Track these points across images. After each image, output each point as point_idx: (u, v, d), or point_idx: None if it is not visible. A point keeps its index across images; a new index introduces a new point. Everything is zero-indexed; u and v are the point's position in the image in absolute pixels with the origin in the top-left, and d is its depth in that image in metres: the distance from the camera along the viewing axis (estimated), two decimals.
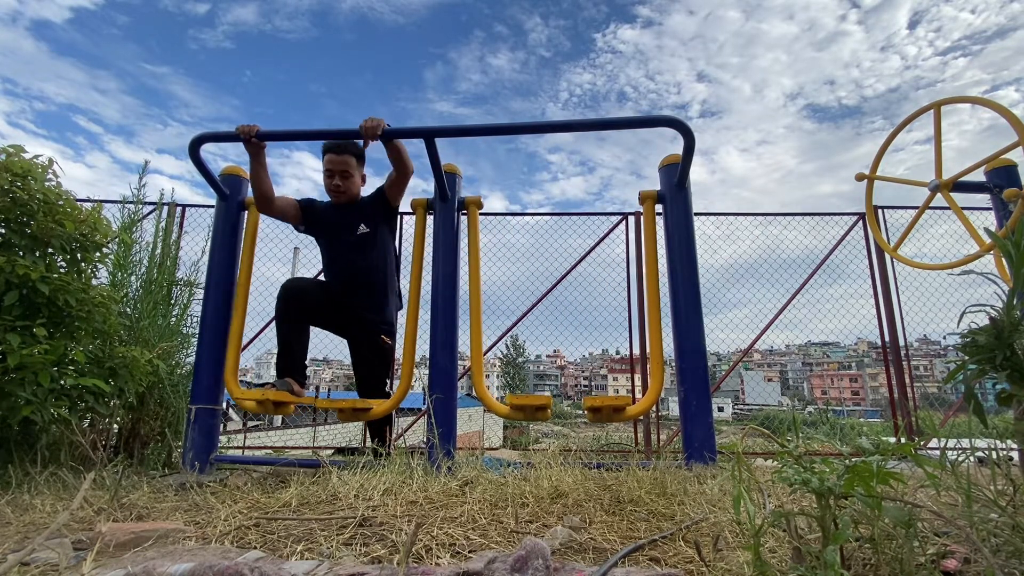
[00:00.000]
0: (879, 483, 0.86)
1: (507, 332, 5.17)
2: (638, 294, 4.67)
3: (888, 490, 1.10)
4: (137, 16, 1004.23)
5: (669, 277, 2.67)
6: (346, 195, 2.80)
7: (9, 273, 2.01)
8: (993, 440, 1.13)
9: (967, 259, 2.57)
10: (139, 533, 1.27)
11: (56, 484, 1.92)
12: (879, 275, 4.72)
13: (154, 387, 2.78)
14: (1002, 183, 2.80)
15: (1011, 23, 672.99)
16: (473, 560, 1.02)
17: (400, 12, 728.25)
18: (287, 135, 2.56)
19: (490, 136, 2.59)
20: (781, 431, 4.16)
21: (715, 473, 2.03)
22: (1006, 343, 0.95)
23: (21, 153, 2.22)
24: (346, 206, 2.82)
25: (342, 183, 2.76)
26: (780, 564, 1.01)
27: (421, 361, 3.13)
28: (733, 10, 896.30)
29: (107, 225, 2.51)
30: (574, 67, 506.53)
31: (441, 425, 2.37)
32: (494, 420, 17.45)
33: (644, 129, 2.61)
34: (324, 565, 1.05)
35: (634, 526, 1.41)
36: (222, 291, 2.81)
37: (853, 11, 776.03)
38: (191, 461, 2.50)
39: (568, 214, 5.18)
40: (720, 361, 26.25)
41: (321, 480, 1.95)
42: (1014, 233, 0.99)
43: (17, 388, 1.98)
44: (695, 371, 2.48)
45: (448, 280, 2.68)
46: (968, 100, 2.69)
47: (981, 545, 0.81)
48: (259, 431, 7.31)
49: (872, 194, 3.32)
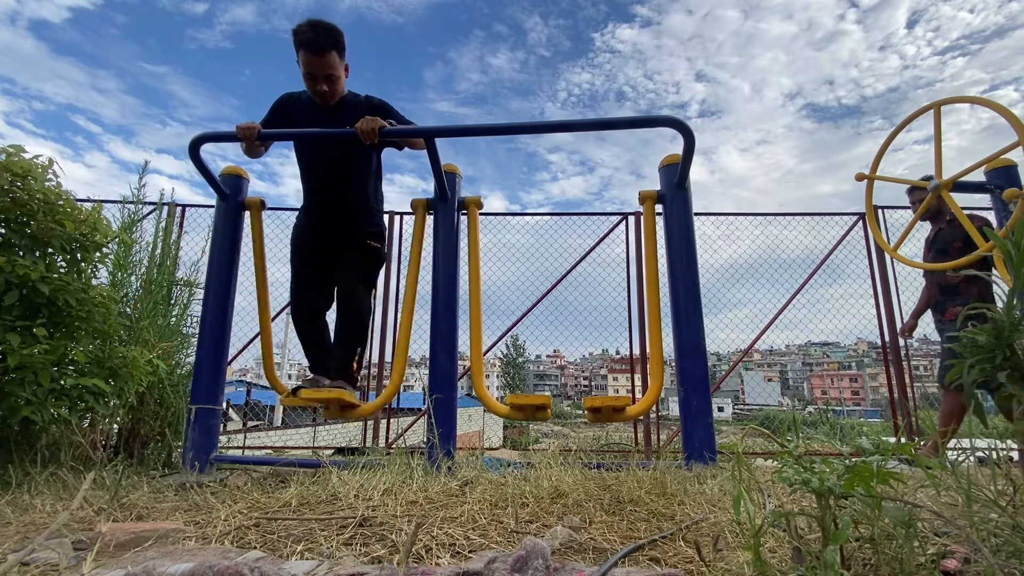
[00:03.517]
0: (879, 483, 0.86)
1: (507, 332, 5.17)
2: (638, 294, 4.67)
3: (888, 490, 1.10)
4: (135, 16, 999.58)
5: (669, 277, 2.68)
6: (334, 98, 2.53)
7: (9, 273, 2.01)
8: (993, 440, 1.13)
9: (967, 259, 2.57)
10: (139, 533, 1.27)
11: (56, 484, 1.92)
12: (879, 275, 4.72)
13: (154, 387, 2.78)
14: (1002, 183, 2.80)
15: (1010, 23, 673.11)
16: (473, 560, 1.02)
17: (399, 12, 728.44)
18: (287, 135, 2.56)
19: (490, 136, 2.59)
20: (781, 431, 4.17)
21: (715, 473, 2.03)
22: (1006, 343, 0.95)
23: (21, 153, 2.22)
24: (332, 107, 2.56)
25: (328, 87, 2.47)
26: (780, 564, 1.01)
27: (421, 361, 3.13)
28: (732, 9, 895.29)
29: (107, 225, 2.51)
30: (573, 67, 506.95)
31: (441, 425, 2.37)
32: (494, 420, 17.45)
33: (644, 129, 2.61)
34: (324, 565, 1.05)
35: (634, 526, 1.41)
36: (222, 291, 2.82)
37: (852, 11, 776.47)
38: (191, 461, 2.50)
39: (568, 214, 5.19)
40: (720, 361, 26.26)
41: (321, 480, 1.95)
42: (1014, 233, 0.99)
43: (17, 388, 1.99)
44: (695, 371, 2.48)
45: (448, 280, 2.68)
46: (968, 100, 2.69)
47: (981, 545, 0.81)
48: (259, 431, 7.31)
49: (872, 194, 3.32)
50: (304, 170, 2.65)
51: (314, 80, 2.45)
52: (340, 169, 2.58)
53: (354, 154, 2.56)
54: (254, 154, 2.54)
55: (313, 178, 2.63)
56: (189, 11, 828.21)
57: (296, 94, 2.64)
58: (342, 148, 2.53)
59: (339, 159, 2.56)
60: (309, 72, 2.43)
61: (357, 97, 2.61)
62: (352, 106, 2.56)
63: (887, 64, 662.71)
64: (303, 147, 2.63)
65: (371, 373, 4.84)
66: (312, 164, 2.62)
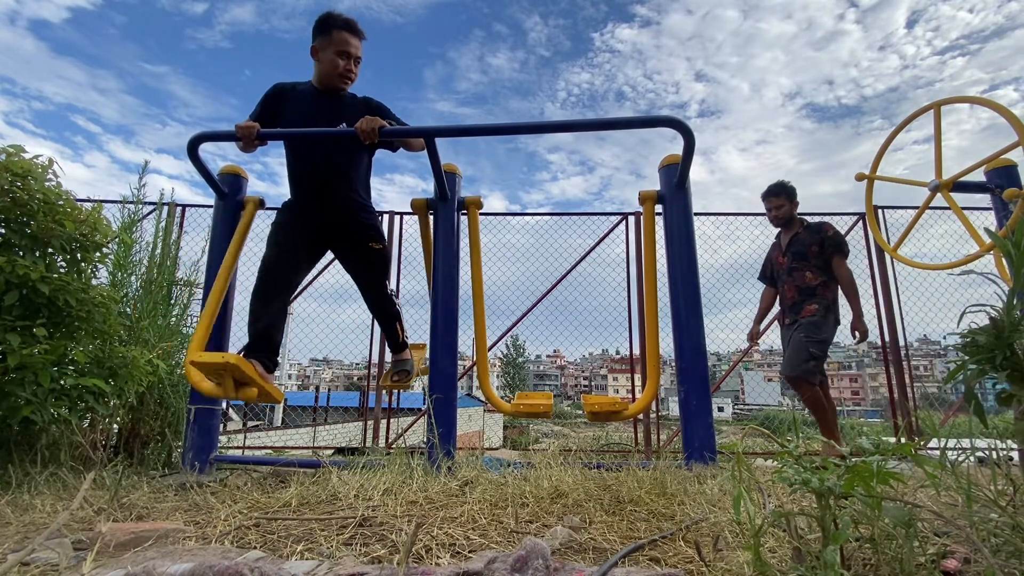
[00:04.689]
0: (879, 483, 0.86)
1: (507, 332, 5.17)
2: (638, 294, 4.67)
3: (888, 490, 1.10)
4: (135, 16, 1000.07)
5: (669, 277, 2.68)
6: (351, 83, 2.58)
7: (9, 273, 2.01)
8: (993, 440, 1.13)
9: (967, 259, 2.57)
10: (139, 533, 1.27)
11: (56, 484, 1.92)
12: (879, 275, 4.72)
13: (154, 387, 2.77)
14: (1002, 183, 2.80)
15: (1009, 22, 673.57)
16: (473, 560, 1.02)
17: (398, 12, 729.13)
18: (287, 135, 2.55)
19: (490, 136, 2.59)
20: (781, 431, 4.17)
21: (715, 473, 2.03)
22: (1006, 343, 0.95)
23: (21, 153, 2.22)
24: (333, 97, 2.57)
25: (354, 69, 2.56)
26: (780, 564, 1.01)
27: None
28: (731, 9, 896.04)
29: (107, 225, 2.51)
30: (572, 66, 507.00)
31: (441, 425, 2.37)
32: (494, 420, 17.44)
33: (644, 129, 2.61)
34: (324, 565, 1.05)
35: (634, 526, 1.41)
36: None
37: (851, 10, 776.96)
38: (191, 461, 2.50)
39: (568, 214, 5.18)
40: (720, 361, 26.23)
41: (321, 480, 1.95)
42: (1014, 233, 0.99)
43: (17, 388, 1.99)
44: (695, 371, 2.49)
45: (448, 280, 2.68)
46: (967, 100, 2.69)
47: (981, 545, 0.81)
48: (259, 431, 7.31)
49: (872, 194, 3.33)
50: (296, 162, 2.60)
51: (347, 58, 2.51)
52: (335, 164, 2.57)
53: (351, 151, 2.56)
54: (250, 150, 2.54)
55: (305, 171, 2.59)
56: (188, 11, 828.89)
57: (289, 85, 2.64)
58: (339, 144, 2.54)
59: (336, 154, 2.56)
60: (344, 50, 2.49)
61: (356, 96, 2.62)
62: (352, 103, 2.58)
63: (887, 64, 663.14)
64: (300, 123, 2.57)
65: (371, 373, 4.84)
66: (305, 157, 2.58)
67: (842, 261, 3.28)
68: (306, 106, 2.55)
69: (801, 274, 3.33)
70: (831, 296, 3.26)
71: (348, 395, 16.95)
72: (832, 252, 3.27)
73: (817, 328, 3.17)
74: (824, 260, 3.30)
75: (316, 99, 2.56)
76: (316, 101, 2.55)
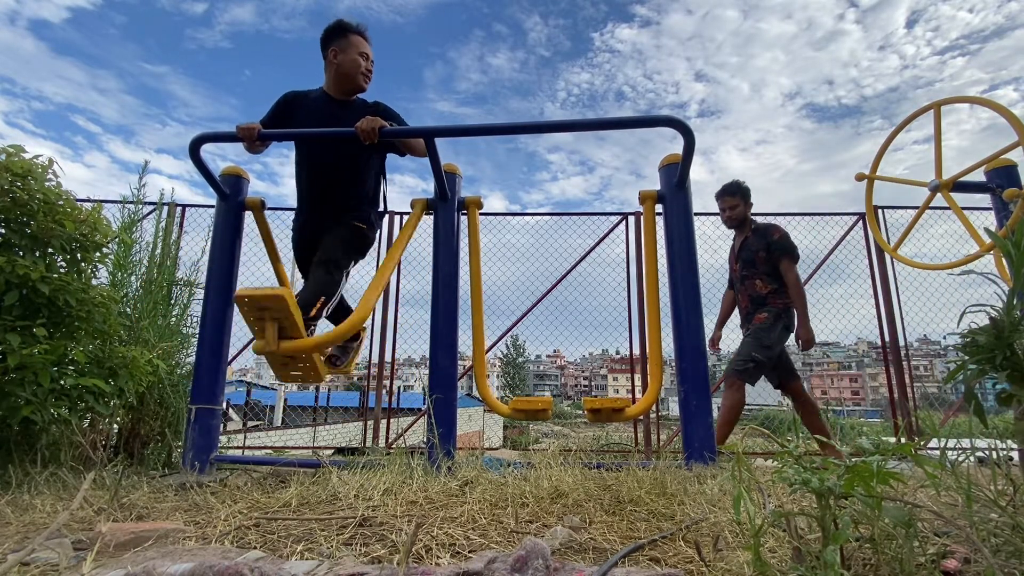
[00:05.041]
0: (879, 483, 0.86)
1: (507, 332, 5.18)
2: (638, 294, 4.67)
3: (888, 490, 1.10)
4: (134, 16, 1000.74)
5: (669, 277, 2.68)
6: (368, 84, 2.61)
7: (9, 273, 2.01)
8: (993, 440, 1.13)
9: (967, 259, 2.57)
10: (139, 533, 1.27)
11: (56, 484, 1.92)
12: (879, 275, 4.72)
13: (154, 387, 2.78)
14: (1002, 183, 2.80)
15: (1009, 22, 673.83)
16: (473, 560, 1.02)
17: (398, 12, 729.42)
18: (286, 135, 2.55)
19: (490, 136, 2.59)
20: (781, 431, 4.16)
21: (715, 473, 2.03)
22: (1006, 343, 0.95)
23: (21, 153, 2.22)
24: (345, 104, 2.60)
25: (371, 71, 2.60)
26: (780, 564, 1.01)
27: (421, 361, 3.13)
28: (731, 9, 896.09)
29: (107, 225, 2.51)
30: (572, 66, 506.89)
31: (441, 425, 2.37)
32: (494, 420, 17.43)
33: (644, 129, 2.61)
34: (324, 565, 1.05)
35: (634, 526, 1.41)
36: (222, 291, 2.81)
37: (851, 10, 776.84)
38: (191, 461, 2.50)
39: (568, 214, 5.18)
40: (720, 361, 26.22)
41: (321, 480, 1.95)
42: (1014, 233, 0.99)
43: (17, 388, 1.99)
44: (695, 371, 2.49)
45: (448, 280, 2.68)
46: (967, 100, 2.69)
47: (981, 545, 0.81)
48: (259, 431, 7.31)
49: (872, 194, 3.33)
50: (304, 168, 2.63)
51: (366, 59, 2.56)
52: (342, 168, 2.57)
53: (357, 154, 2.56)
54: (256, 151, 2.55)
55: (313, 176, 2.61)
56: (188, 11, 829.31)
57: (303, 92, 2.65)
58: (347, 147, 2.53)
59: (344, 157, 2.56)
60: (363, 52, 2.55)
61: (367, 102, 2.64)
62: (363, 108, 2.59)
63: (887, 64, 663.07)
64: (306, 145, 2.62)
65: (371, 373, 4.84)
66: (314, 163, 2.60)
67: (790, 265, 3.23)
68: (318, 112, 2.57)
69: (752, 283, 3.33)
70: (781, 304, 3.24)
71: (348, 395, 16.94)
72: (779, 256, 3.25)
73: (765, 333, 3.17)
74: (772, 265, 3.27)
75: (328, 105, 2.58)
76: (328, 107, 2.57)
